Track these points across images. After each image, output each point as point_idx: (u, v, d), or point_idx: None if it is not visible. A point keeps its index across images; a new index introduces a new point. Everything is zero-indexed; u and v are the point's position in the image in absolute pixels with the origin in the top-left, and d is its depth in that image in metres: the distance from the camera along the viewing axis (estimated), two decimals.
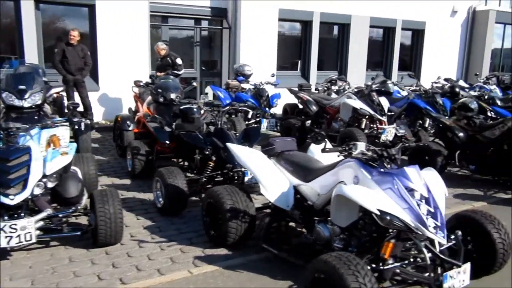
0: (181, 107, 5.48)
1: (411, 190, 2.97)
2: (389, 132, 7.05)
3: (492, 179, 5.99)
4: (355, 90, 7.69)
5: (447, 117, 6.99)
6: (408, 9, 14.28)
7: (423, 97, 8.22)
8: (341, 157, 3.41)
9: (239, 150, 3.98)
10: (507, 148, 5.75)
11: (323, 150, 3.26)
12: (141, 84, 7.76)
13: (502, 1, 18.35)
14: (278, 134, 8.43)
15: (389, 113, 8.73)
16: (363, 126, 7.16)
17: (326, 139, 3.27)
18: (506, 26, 16.95)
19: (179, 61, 9.23)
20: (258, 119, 8.40)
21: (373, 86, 7.71)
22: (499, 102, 9.37)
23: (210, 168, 4.86)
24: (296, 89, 9.53)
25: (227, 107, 6.02)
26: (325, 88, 9.89)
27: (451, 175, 6.38)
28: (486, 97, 9.53)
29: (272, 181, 3.76)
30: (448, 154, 6.19)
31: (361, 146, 3.16)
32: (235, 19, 11.25)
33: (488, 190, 5.71)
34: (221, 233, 3.70)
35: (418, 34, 15.10)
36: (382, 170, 3.10)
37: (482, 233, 3.24)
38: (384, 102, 7.37)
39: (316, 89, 10.06)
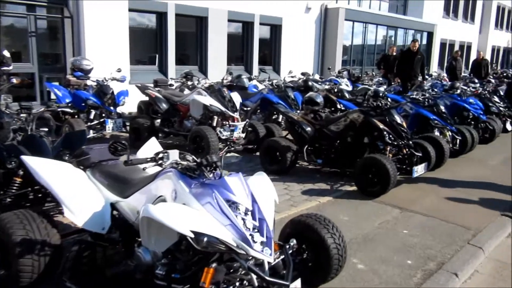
0: None
1: (234, 203, 2.55)
2: (241, 129, 6.76)
3: (339, 172, 6.04)
4: (206, 85, 7.25)
5: (298, 111, 6.95)
6: (265, 4, 14.41)
7: (276, 92, 8.16)
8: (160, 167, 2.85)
9: (37, 164, 3.18)
10: (350, 141, 5.84)
11: (126, 163, 2.67)
12: None
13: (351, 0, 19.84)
14: (126, 135, 7.64)
15: (246, 108, 8.59)
16: (214, 124, 6.75)
17: (128, 149, 2.67)
18: (355, 23, 18.29)
19: (6, 53, 7.81)
20: (102, 120, 7.49)
21: (224, 81, 7.37)
22: (347, 95, 9.83)
23: (17, 185, 3.93)
24: (150, 85, 8.77)
25: (42, 109, 5.04)
26: (181, 84, 9.33)
27: (302, 170, 6.32)
28: (335, 90, 9.96)
29: (81, 200, 3.06)
30: (298, 149, 6.10)
31: (174, 154, 2.65)
32: (76, 8, 10.01)
33: (335, 183, 5.72)
34: (11, 273, 2.88)
35: (276, 29, 15.39)
36: (202, 181, 2.63)
37: (316, 239, 2.99)
38: (236, 97, 7.07)
39: (170, 84, 9.43)
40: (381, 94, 7.27)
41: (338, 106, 9.16)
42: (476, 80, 12.87)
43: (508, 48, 36.53)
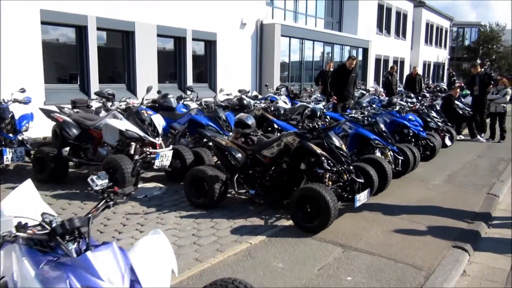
0: None
1: None
2: (164, 157, 5.90)
3: (275, 203, 5.33)
4: (124, 107, 6.33)
5: (226, 135, 6.21)
6: (198, 19, 13.71)
7: (206, 112, 7.39)
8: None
9: None
10: (286, 168, 5.17)
11: None
12: None
13: (287, 14, 19.65)
14: (30, 166, 6.52)
15: (176, 131, 7.75)
16: (132, 151, 5.84)
17: None
18: (291, 39, 18.04)
19: None
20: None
21: (144, 101, 6.50)
22: (283, 113, 9.25)
23: None
24: (52, 108, 7.61)
25: None
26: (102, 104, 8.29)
27: (234, 201, 5.55)
28: (272, 108, 9.36)
29: None
30: (229, 178, 5.35)
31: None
32: None
33: (270, 217, 5.00)
34: None
35: (210, 45, 14.69)
36: (55, 259, 1.78)
37: None
38: (158, 120, 6.21)
39: (88, 106, 8.37)
40: (318, 114, 6.72)
41: (276, 126, 8.58)
42: (413, 95, 12.87)
43: (437, 63, 38.38)
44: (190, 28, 13.53)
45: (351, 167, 4.97)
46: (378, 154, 6.33)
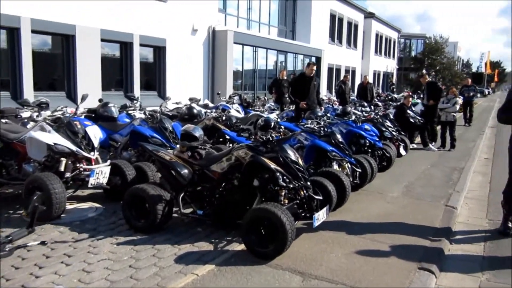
0: None
1: None
2: (100, 174, 5.22)
3: (227, 224, 4.80)
4: (51, 117, 5.59)
5: (173, 148, 5.64)
6: (146, 23, 13.03)
7: (150, 123, 6.77)
8: None
9: None
10: (237, 184, 4.67)
11: None
12: None
13: (240, 22, 19.29)
14: None
15: (117, 144, 7.08)
16: (62, 168, 5.13)
17: None
18: (244, 46, 17.67)
19: None
20: None
21: (79, 111, 5.81)
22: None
23: None
24: None
25: None
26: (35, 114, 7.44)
27: (180, 222, 4.98)
28: (224, 118, 8.84)
29: None
30: (172, 197, 4.77)
31: None
32: None
33: (220, 240, 4.48)
34: None
35: (159, 51, 14.04)
36: None
37: None
38: (94, 132, 5.55)
39: (17, 115, 7.48)
40: (272, 124, 6.29)
41: (228, 137, 8.09)
42: (366, 104, 12.80)
43: (387, 72, 39.48)
44: (138, 33, 12.84)
45: (308, 183, 4.54)
46: (335, 166, 5.97)
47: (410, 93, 18.19)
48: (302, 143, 6.32)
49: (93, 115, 6.89)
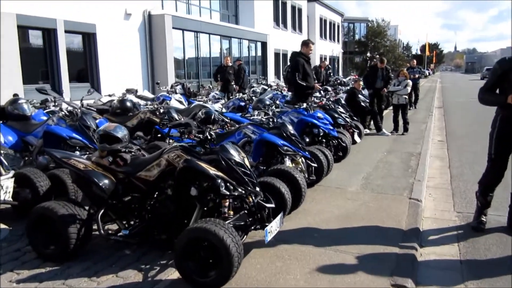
0: None
1: None
2: (0, 188, 4.17)
3: (161, 243, 3.93)
4: None
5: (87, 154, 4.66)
6: (70, 8, 11.63)
7: (69, 121, 5.70)
8: None
9: None
10: (171, 195, 3.80)
11: None
12: None
13: (179, 6, 18.06)
14: None
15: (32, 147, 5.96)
16: None
17: None
18: (184, 32, 16.54)
19: None
20: None
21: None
22: (176, 116, 7.82)
23: None
24: None
25: None
26: None
27: (102, 244, 4.05)
28: (162, 110, 7.84)
29: None
30: (91, 215, 3.84)
31: None
32: None
33: (152, 265, 3.61)
34: None
35: (89, 38, 12.67)
36: None
37: None
38: None
39: None
40: (213, 117, 5.46)
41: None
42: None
43: (333, 57, 39.49)
44: (62, 18, 11.42)
45: (258, 188, 3.76)
46: (288, 162, 5.23)
47: (357, 77, 17.86)
48: (250, 137, 5.51)
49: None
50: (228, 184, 3.57)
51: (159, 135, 7.37)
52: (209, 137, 3.79)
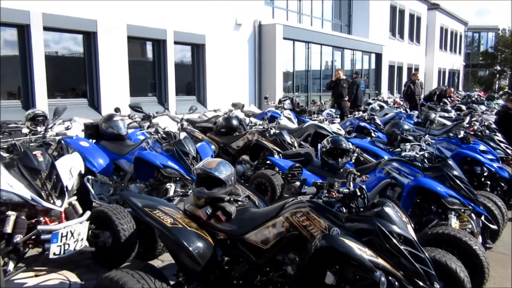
0: None
1: None
2: (68, 237, 3.22)
3: None
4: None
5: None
6: (181, 18, 11.17)
7: (165, 144, 4.71)
8: None
9: None
10: (294, 274, 2.49)
11: None
12: None
13: (290, 15, 17.09)
14: None
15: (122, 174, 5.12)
16: (9, 230, 3.17)
17: None
18: (295, 42, 15.44)
19: None
20: None
21: (51, 131, 3.87)
22: (288, 139, 6.58)
23: None
24: None
25: None
26: None
27: None
28: (272, 132, 6.65)
29: None
30: None
31: None
32: None
33: None
34: None
35: (198, 49, 12.12)
36: None
37: None
38: (69, 165, 3.57)
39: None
40: (344, 147, 4.11)
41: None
42: (449, 108, 10.24)
43: (453, 70, 35.69)
44: (171, 28, 10.98)
45: (437, 285, 2.28)
46: (453, 220, 3.62)
47: (482, 93, 15.21)
48: (394, 178, 4.00)
49: (88, 132, 5.00)
50: (390, 278, 2.15)
51: (268, 162, 6.18)
52: (358, 193, 2.41)
